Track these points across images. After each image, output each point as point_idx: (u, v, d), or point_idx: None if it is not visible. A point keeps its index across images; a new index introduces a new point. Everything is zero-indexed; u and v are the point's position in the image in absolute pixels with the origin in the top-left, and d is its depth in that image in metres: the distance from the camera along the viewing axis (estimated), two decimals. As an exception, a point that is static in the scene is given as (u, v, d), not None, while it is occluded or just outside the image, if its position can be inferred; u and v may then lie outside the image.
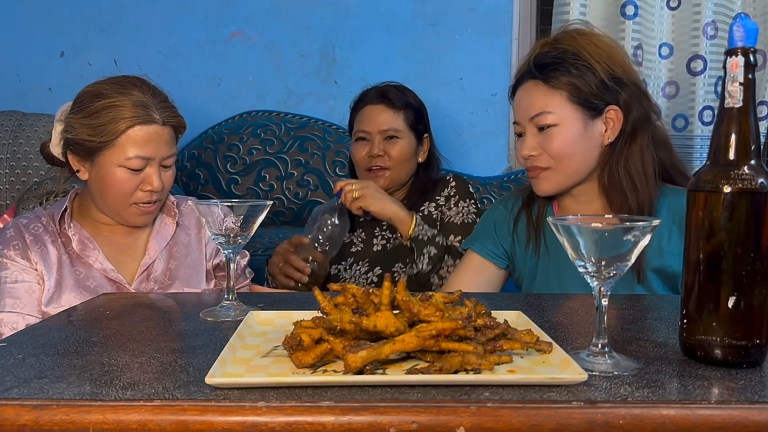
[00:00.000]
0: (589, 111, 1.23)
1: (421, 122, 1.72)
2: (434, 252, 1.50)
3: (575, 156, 1.24)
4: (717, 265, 0.70)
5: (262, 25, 2.26)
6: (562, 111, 1.23)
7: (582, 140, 1.24)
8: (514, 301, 1.12)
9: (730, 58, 0.71)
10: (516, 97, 1.30)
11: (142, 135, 1.26)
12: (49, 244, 1.29)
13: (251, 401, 0.60)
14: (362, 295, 0.75)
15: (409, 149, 1.68)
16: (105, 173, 1.28)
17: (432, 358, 0.69)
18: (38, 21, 2.24)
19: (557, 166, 1.25)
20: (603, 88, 1.22)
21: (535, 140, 1.25)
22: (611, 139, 1.24)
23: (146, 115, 1.27)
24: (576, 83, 1.22)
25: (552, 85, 1.23)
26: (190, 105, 2.25)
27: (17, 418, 0.58)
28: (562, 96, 1.22)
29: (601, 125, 1.24)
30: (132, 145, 1.26)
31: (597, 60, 1.22)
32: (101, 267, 1.30)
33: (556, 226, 0.71)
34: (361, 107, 1.71)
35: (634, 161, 1.22)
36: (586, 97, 1.22)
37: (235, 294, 0.97)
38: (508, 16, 2.26)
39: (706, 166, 0.73)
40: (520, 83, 1.29)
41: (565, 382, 0.64)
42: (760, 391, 0.63)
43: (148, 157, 1.27)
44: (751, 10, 2.06)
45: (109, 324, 0.90)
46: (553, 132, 1.23)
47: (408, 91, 1.73)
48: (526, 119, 1.26)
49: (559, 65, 1.23)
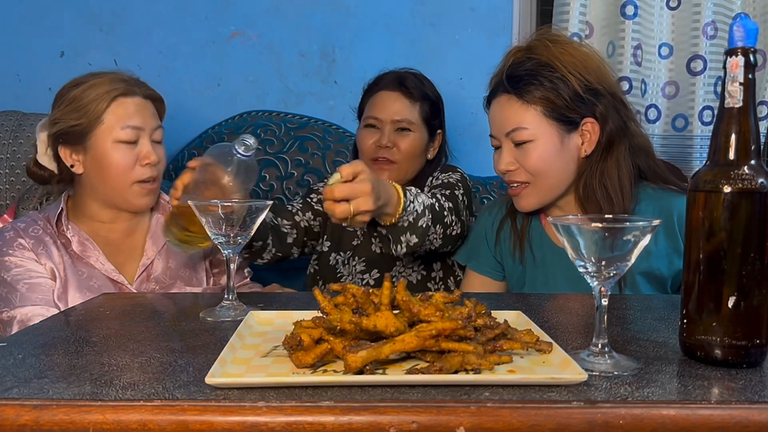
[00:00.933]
0: (565, 125, 1.21)
1: (436, 117, 1.62)
2: (414, 241, 1.24)
3: (552, 171, 1.23)
4: (717, 265, 0.70)
5: (262, 25, 2.26)
6: (537, 127, 1.21)
7: (558, 155, 1.22)
8: (514, 301, 1.12)
9: (730, 58, 0.71)
10: (491, 110, 1.29)
11: (127, 105, 1.30)
12: (51, 245, 1.29)
13: (251, 401, 0.60)
14: (362, 295, 0.76)
15: (420, 144, 1.58)
16: (101, 155, 1.29)
17: (432, 358, 0.69)
18: (38, 21, 2.24)
19: (535, 181, 1.24)
20: (578, 100, 1.20)
21: (511, 155, 1.24)
22: (588, 152, 1.23)
23: (126, 88, 1.31)
24: (550, 97, 1.20)
25: (526, 101, 1.21)
26: (190, 105, 2.26)
27: (17, 418, 0.58)
28: (537, 111, 1.21)
29: (577, 138, 1.23)
30: (120, 116, 1.28)
31: (571, 71, 1.20)
32: (102, 267, 1.30)
33: (556, 226, 0.71)
34: (376, 91, 1.59)
35: (610, 174, 1.21)
36: (561, 112, 1.20)
37: (235, 294, 0.97)
38: (508, 16, 2.26)
39: (706, 166, 0.73)
40: (494, 96, 1.28)
41: (565, 382, 0.64)
42: (760, 391, 0.63)
43: (138, 126, 1.29)
44: (751, 10, 2.05)
45: (109, 324, 0.90)
46: (529, 148, 1.22)
47: (427, 81, 1.62)
48: (501, 134, 1.25)
49: (532, 78, 1.21)
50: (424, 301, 0.73)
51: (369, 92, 1.62)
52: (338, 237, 1.61)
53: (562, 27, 2.05)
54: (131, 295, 1.16)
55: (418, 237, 1.23)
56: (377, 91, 1.59)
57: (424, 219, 1.23)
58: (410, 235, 1.22)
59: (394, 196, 1.16)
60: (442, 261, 1.59)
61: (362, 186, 1.06)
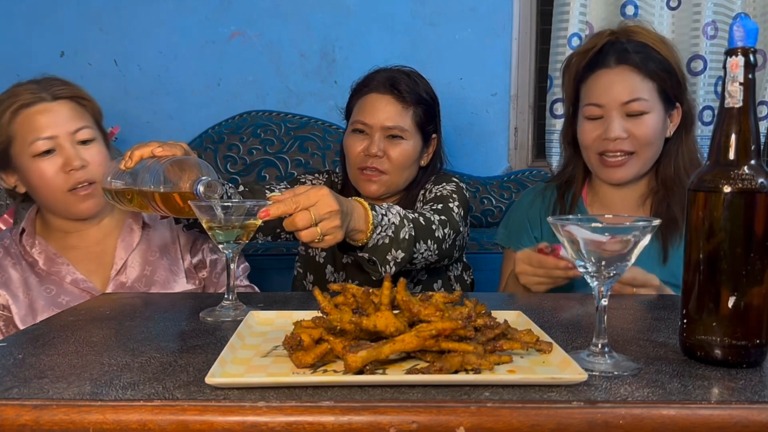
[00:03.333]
0: (667, 105, 1.30)
1: (431, 121, 1.48)
2: (402, 255, 1.13)
3: (655, 145, 1.30)
4: (717, 265, 0.70)
5: (262, 25, 2.26)
6: (653, 100, 1.28)
7: (662, 132, 1.31)
8: (514, 301, 1.12)
9: (730, 58, 0.71)
10: (599, 79, 1.30)
11: (31, 116, 1.23)
12: (9, 268, 1.28)
13: (251, 401, 0.59)
14: (362, 295, 0.76)
15: (413, 153, 1.44)
16: (26, 171, 1.25)
17: (432, 358, 0.69)
18: (38, 21, 2.24)
19: (640, 152, 1.29)
20: (677, 86, 1.30)
21: (623, 124, 1.28)
22: (670, 134, 1.32)
23: (29, 98, 1.24)
24: (664, 77, 1.28)
25: (647, 74, 1.27)
26: (190, 105, 2.26)
27: (17, 418, 0.58)
28: (653, 86, 1.27)
29: (668, 120, 1.31)
30: (27, 130, 1.23)
31: (671, 58, 1.29)
32: (72, 279, 1.28)
33: (556, 226, 0.71)
34: (365, 93, 1.45)
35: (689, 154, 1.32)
36: (668, 92, 1.29)
37: (235, 294, 0.96)
38: (508, 16, 2.26)
39: (706, 166, 0.73)
40: (604, 65, 1.30)
41: (565, 382, 0.64)
42: (760, 391, 0.63)
43: (49, 135, 1.23)
44: (751, 10, 2.06)
45: (109, 324, 0.90)
46: (644, 119, 1.27)
47: (421, 82, 1.47)
48: (615, 103, 1.28)
49: (650, 55, 1.28)
50: (424, 301, 0.73)
51: (358, 93, 1.48)
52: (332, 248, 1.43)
53: (562, 27, 2.06)
54: (131, 295, 1.16)
55: (404, 251, 1.13)
56: (367, 93, 1.45)
57: (405, 230, 1.13)
58: (396, 251, 1.12)
59: (358, 207, 1.05)
60: (442, 278, 1.51)
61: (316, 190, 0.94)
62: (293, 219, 0.93)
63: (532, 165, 2.34)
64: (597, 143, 1.30)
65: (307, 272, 1.56)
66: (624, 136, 1.27)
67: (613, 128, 1.27)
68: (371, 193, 1.44)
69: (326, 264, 1.52)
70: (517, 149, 2.33)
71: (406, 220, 1.16)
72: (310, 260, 1.55)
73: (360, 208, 1.06)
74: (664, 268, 1.26)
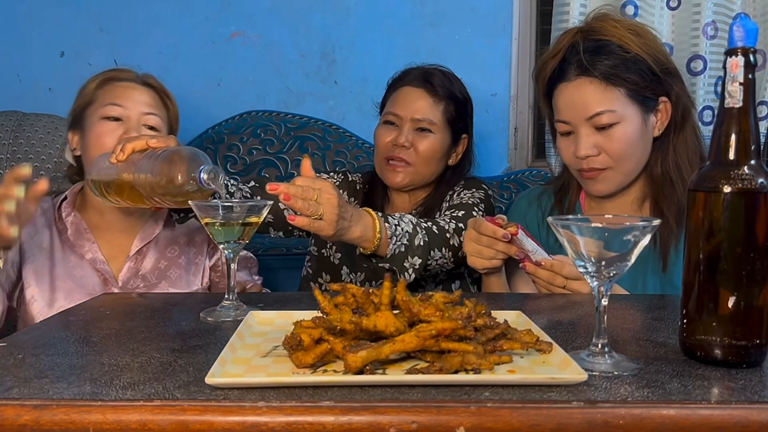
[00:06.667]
0: (645, 106, 1.19)
1: (462, 119, 1.50)
2: (419, 261, 1.20)
3: (635, 154, 1.20)
4: (717, 265, 0.70)
5: (262, 25, 2.26)
6: (623, 109, 1.17)
7: (641, 137, 1.20)
8: (514, 301, 1.12)
9: (730, 58, 0.71)
10: (561, 95, 1.22)
11: (116, 86, 1.34)
12: (41, 227, 1.33)
13: (251, 401, 0.59)
14: (362, 295, 0.76)
15: (441, 147, 1.46)
16: (89, 130, 1.32)
17: (432, 358, 0.69)
18: (38, 21, 2.24)
19: (617, 166, 1.20)
20: (656, 80, 1.18)
21: (591, 140, 1.20)
22: (659, 132, 1.22)
23: (120, 73, 1.36)
24: (633, 78, 1.17)
25: (610, 82, 1.17)
26: (190, 105, 2.25)
27: (17, 418, 0.58)
28: (621, 92, 1.17)
29: (653, 119, 1.21)
30: (107, 95, 1.33)
31: (646, 51, 1.17)
32: (92, 257, 1.32)
33: (556, 226, 0.71)
34: (399, 86, 1.49)
35: (680, 153, 1.21)
36: (642, 93, 1.18)
37: (235, 294, 0.97)
38: (508, 16, 2.26)
39: (706, 166, 0.73)
40: (564, 80, 1.21)
41: (565, 382, 0.64)
42: (760, 391, 0.63)
43: (121, 104, 1.31)
44: (751, 10, 2.05)
45: (109, 324, 0.90)
46: (614, 131, 1.18)
47: (456, 81, 1.50)
48: (581, 119, 1.19)
49: (612, 59, 1.17)
50: (424, 301, 0.73)
51: (392, 87, 1.52)
52: (348, 250, 1.47)
53: (561, 27, 2.05)
54: (131, 295, 1.16)
55: (420, 256, 1.18)
56: (400, 86, 1.48)
57: (418, 237, 1.18)
58: (412, 257, 1.18)
59: (365, 216, 1.11)
60: (461, 279, 1.52)
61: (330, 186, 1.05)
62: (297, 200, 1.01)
63: (532, 165, 2.33)
64: (573, 160, 1.23)
65: (321, 273, 1.56)
66: (594, 153, 1.20)
67: (581, 146, 1.20)
68: (395, 184, 1.47)
69: (342, 265, 1.52)
70: (517, 149, 2.33)
71: (418, 227, 1.20)
72: (325, 261, 1.55)
73: (368, 217, 1.12)
74: (661, 271, 1.24)
